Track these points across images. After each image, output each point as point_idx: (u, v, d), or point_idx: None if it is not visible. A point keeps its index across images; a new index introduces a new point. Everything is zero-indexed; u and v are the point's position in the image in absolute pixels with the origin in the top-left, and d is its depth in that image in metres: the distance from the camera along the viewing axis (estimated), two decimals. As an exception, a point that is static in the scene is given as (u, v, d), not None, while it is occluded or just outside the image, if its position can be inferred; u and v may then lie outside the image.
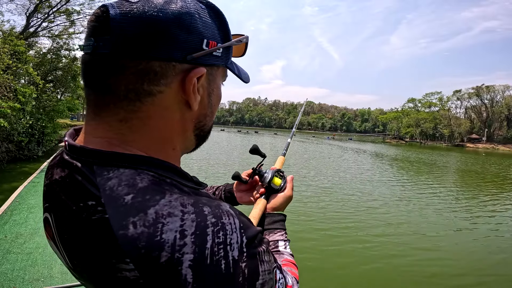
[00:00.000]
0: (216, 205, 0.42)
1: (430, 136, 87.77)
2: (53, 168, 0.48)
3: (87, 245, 0.40)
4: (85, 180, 0.42)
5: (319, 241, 6.51)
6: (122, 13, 0.42)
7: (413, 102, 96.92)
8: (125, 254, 0.37)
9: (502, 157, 43.29)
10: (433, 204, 10.60)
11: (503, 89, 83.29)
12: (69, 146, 0.46)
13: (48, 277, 3.74)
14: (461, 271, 5.54)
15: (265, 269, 0.43)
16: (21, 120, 11.36)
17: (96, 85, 0.45)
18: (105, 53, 0.42)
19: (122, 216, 0.38)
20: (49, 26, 16.25)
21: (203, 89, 0.49)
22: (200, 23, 0.46)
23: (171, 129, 0.48)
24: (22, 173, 10.00)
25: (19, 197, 6.90)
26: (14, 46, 10.76)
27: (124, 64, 0.42)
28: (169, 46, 0.43)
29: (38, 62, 14.46)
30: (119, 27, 0.42)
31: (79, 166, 0.43)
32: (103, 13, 0.43)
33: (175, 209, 0.39)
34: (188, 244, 0.37)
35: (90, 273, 0.42)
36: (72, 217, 0.41)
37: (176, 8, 0.44)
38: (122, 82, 0.43)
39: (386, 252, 6.15)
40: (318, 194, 10.53)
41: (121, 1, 0.44)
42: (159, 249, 0.36)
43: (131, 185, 0.40)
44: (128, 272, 0.37)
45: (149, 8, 0.42)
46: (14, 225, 5.26)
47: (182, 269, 0.36)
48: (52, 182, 0.47)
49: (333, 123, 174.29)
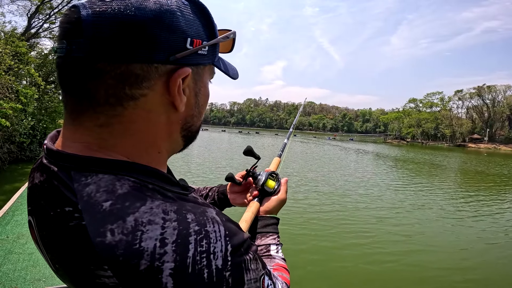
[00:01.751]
0: (201, 212, 0.41)
1: (431, 136, 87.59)
2: (34, 172, 0.47)
3: (66, 251, 0.40)
4: (62, 186, 0.40)
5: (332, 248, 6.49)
6: (95, 13, 0.39)
7: (414, 102, 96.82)
8: (103, 261, 0.36)
9: (505, 157, 43.02)
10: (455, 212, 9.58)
11: (505, 89, 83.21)
12: (47, 150, 0.45)
13: (49, 277, 3.74)
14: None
15: (251, 277, 0.42)
16: (23, 121, 11.40)
17: (73, 90, 0.42)
18: (80, 56, 0.40)
19: (99, 223, 0.37)
20: (50, 27, 16.33)
21: (189, 89, 0.47)
22: (182, 21, 0.43)
23: (156, 132, 0.46)
24: (24, 174, 10.02)
25: (20, 198, 6.90)
26: (16, 47, 10.80)
27: (102, 68, 0.40)
28: (149, 47, 0.40)
29: (40, 63, 14.50)
30: (93, 29, 0.39)
31: (56, 171, 0.42)
32: (74, 13, 0.40)
33: (156, 216, 0.38)
34: (169, 252, 0.36)
35: (71, 277, 0.41)
36: (51, 222, 0.41)
37: (156, 6, 0.41)
38: (101, 87, 0.41)
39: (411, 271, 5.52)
40: (323, 200, 10.16)
41: (93, 0, 0.40)
42: (138, 257, 0.35)
43: (110, 191, 0.39)
44: (106, 278, 0.36)
45: (125, 7, 0.39)
46: (15, 226, 5.26)
47: (163, 277, 0.35)
48: (33, 186, 0.45)
49: (334, 124, 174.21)
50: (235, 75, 0.57)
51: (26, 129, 11.91)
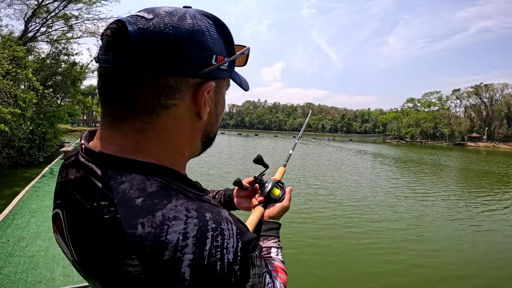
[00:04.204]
0: (217, 212, 0.46)
1: (430, 136, 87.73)
2: (68, 168, 0.52)
3: (97, 241, 0.43)
4: (100, 182, 0.45)
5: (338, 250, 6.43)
6: (141, 30, 0.44)
7: (413, 102, 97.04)
8: (132, 251, 0.40)
9: (504, 155, 43.07)
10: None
11: (502, 88, 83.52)
12: (85, 149, 0.49)
13: (50, 279, 3.73)
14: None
15: (255, 272, 0.46)
16: (22, 125, 11.37)
17: (115, 98, 0.47)
18: (125, 68, 0.44)
19: (132, 217, 0.41)
20: (47, 31, 16.24)
21: (211, 100, 0.53)
22: (210, 39, 0.48)
23: (182, 138, 0.51)
24: (23, 179, 9.98)
25: (20, 202, 6.89)
26: (14, 51, 10.77)
27: (144, 80, 0.45)
28: (183, 62, 0.46)
29: (38, 67, 14.45)
30: (139, 44, 0.43)
31: (95, 169, 0.46)
32: (121, 28, 0.45)
33: (180, 213, 0.42)
34: (189, 245, 0.40)
35: (95, 267, 0.44)
36: (85, 215, 0.45)
37: (189, 26, 0.46)
38: (141, 97, 0.46)
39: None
40: (328, 206, 9.78)
41: (136, 17, 0.46)
42: (163, 248, 0.39)
43: (141, 189, 0.44)
44: (132, 267, 0.40)
45: (165, 26, 0.45)
46: (16, 229, 5.24)
47: (182, 267, 0.39)
48: (67, 181, 0.50)
49: (333, 125, 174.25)
50: (247, 86, 0.62)
51: (25, 133, 11.87)
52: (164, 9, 0.47)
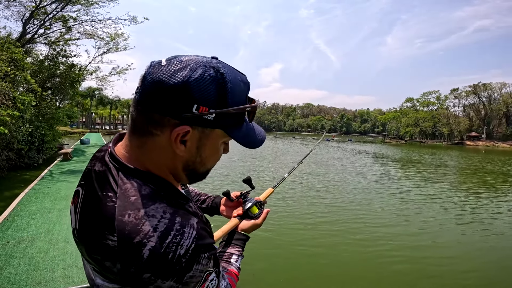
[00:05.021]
0: (186, 218, 0.59)
1: (429, 135, 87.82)
2: (96, 160, 0.68)
3: (96, 218, 0.58)
4: (113, 179, 0.61)
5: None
6: (149, 73, 0.58)
7: (411, 102, 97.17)
8: (115, 230, 0.55)
9: (504, 154, 43.04)
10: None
11: (500, 87, 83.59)
12: (110, 153, 0.65)
13: (50, 280, 3.71)
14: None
15: (198, 268, 0.57)
16: (21, 128, 11.33)
17: (132, 119, 0.62)
18: (136, 98, 0.60)
19: (124, 208, 0.56)
20: (45, 33, 16.20)
21: (191, 141, 0.61)
22: (196, 90, 0.56)
23: (165, 161, 0.63)
24: (23, 181, 9.96)
25: (20, 204, 6.87)
26: (12, 53, 10.74)
27: (141, 109, 0.59)
28: (166, 104, 0.56)
29: (36, 69, 14.40)
30: (144, 84, 0.58)
31: (112, 169, 0.62)
32: (146, 71, 0.59)
33: (157, 213, 0.57)
34: (155, 236, 0.54)
35: (87, 236, 0.59)
36: (96, 198, 0.60)
37: (181, 77, 0.56)
38: (139, 121, 0.60)
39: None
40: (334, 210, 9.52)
41: (156, 62, 0.59)
42: (136, 233, 0.54)
43: (137, 190, 0.59)
44: (111, 241, 0.55)
45: (163, 74, 0.56)
46: (16, 231, 5.22)
47: (144, 249, 0.53)
48: (92, 170, 0.66)
49: (332, 125, 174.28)
50: (252, 145, 0.71)
51: (24, 136, 11.84)
52: (180, 59, 0.58)
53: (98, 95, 69.46)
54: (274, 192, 1.23)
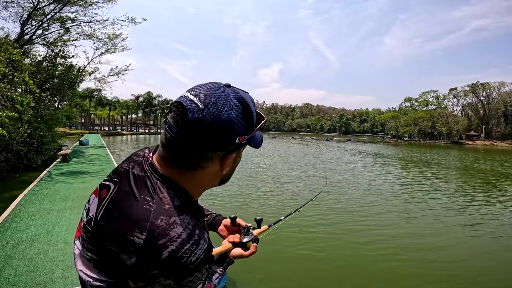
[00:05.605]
0: (202, 232, 0.70)
1: (428, 135, 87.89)
2: (135, 163, 0.78)
3: (128, 215, 0.66)
4: (151, 186, 0.71)
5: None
6: (195, 119, 0.65)
7: (410, 101, 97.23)
8: (145, 230, 0.63)
9: (503, 153, 43.07)
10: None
11: (499, 86, 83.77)
12: (150, 163, 0.75)
13: (50, 281, 3.70)
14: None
15: (197, 275, 0.67)
16: (20, 129, 11.29)
17: (172, 153, 0.71)
18: (181, 141, 0.67)
19: (158, 213, 0.66)
20: (43, 34, 16.18)
21: (231, 162, 0.77)
22: (236, 127, 0.68)
23: (206, 182, 0.77)
24: (22, 182, 9.94)
25: (19, 205, 6.86)
26: (10, 54, 10.71)
27: (192, 150, 0.68)
28: (217, 144, 0.68)
29: (34, 70, 14.35)
30: (193, 129, 0.65)
31: (151, 177, 0.72)
32: (184, 113, 0.65)
33: (183, 223, 0.67)
34: (176, 242, 0.63)
35: (110, 227, 0.67)
36: (133, 198, 0.69)
37: (225, 118, 0.66)
38: (188, 160, 0.70)
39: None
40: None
41: (193, 105, 0.65)
42: (163, 236, 0.63)
43: (171, 201, 0.69)
44: (137, 238, 0.63)
45: (210, 117, 0.65)
46: (15, 232, 5.21)
47: (164, 251, 0.62)
48: (130, 171, 0.76)
49: (331, 125, 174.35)
50: (259, 146, 0.84)
51: (22, 137, 11.80)
52: (211, 99, 0.66)
53: (97, 96, 69.38)
54: (274, 194, 1.28)
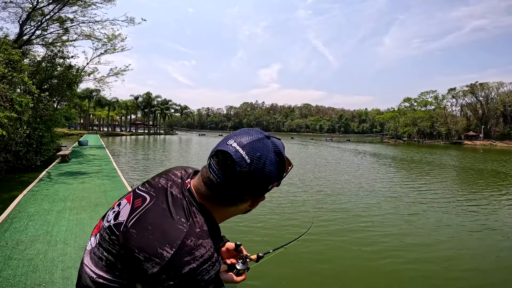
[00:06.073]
0: (218, 255, 0.79)
1: (427, 135, 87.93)
2: (173, 184, 0.87)
3: (164, 230, 0.75)
4: (187, 208, 0.80)
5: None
6: (242, 172, 0.74)
7: (409, 102, 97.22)
8: (175, 247, 0.72)
9: (502, 153, 43.08)
10: None
11: (497, 86, 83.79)
12: (189, 189, 0.84)
13: (49, 282, 3.69)
14: None
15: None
16: (19, 129, 11.27)
17: (214, 193, 0.80)
18: (226, 184, 0.76)
19: (189, 234, 0.74)
20: (42, 34, 16.15)
21: (261, 200, 0.87)
22: (273, 177, 0.79)
23: (234, 214, 0.89)
24: (21, 183, 9.91)
25: (18, 206, 6.84)
26: (9, 54, 10.69)
27: (233, 195, 0.79)
28: (255, 190, 0.79)
29: (33, 71, 14.32)
30: (238, 180, 0.75)
31: (188, 202, 0.81)
32: (231, 165, 0.74)
33: (207, 245, 0.75)
34: (198, 261, 0.72)
35: (141, 237, 0.75)
36: (168, 216, 0.77)
37: (267, 172, 0.76)
38: (226, 198, 0.81)
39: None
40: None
41: (241, 159, 0.74)
42: (189, 255, 0.72)
43: (201, 225, 0.78)
44: (166, 252, 0.71)
45: (254, 171, 0.74)
46: (14, 233, 5.20)
47: (186, 267, 0.71)
48: (168, 189, 0.85)
49: (331, 125, 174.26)
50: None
51: (22, 137, 11.78)
52: (257, 154, 0.75)
53: (96, 96, 69.27)
54: (276, 197, 1.34)
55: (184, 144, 42.67)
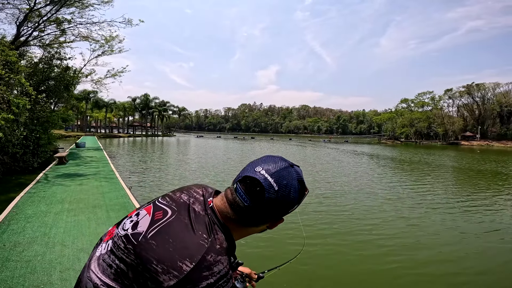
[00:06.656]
0: (232, 271, 0.81)
1: (424, 135, 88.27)
2: (195, 200, 0.89)
3: (185, 244, 0.76)
4: (209, 226, 0.81)
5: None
6: (270, 199, 0.79)
7: (406, 103, 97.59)
8: (195, 261, 0.73)
9: (499, 153, 43.27)
10: None
11: (494, 87, 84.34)
12: (211, 207, 0.87)
13: (47, 283, 3.66)
14: None
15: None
16: (16, 131, 11.20)
17: (239, 215, 0.83)
18: (252, 208, 0.81)
19: (210, 250, 0.76)
20: (40, 35, 16.11)
21: (280, 222, 0.91)
22: (295, 202, 0.83)
23: (253, 233, 0.92)
24: (18, 185, 9.85)
25: (15, 208, 6.79)
26: (6, 56, 10.64)
27: (258, 218, 0.84)
28: (279, 214, 0.84)
29: (30, 72, 14.26)
30: (265, 205, 0.80)
31: (210, 219, 0.83)
32: (261, 192, 0.79)
33: (224, 262, 0.77)
34: (215, 276, 0.73)
35: (158, 253, 0.75)
36: (191, 231, 0.79)
37: (291, 198, 0.81)
38: (250, 221, 0.84)
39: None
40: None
41: (269, 186, 0.79)
42: (208, 270, 0.73)
43: (221, 243, 0.80)
44: (186, 266, 0.72)
45: (281, 197, 0.79)
46: (12, 234, 5.16)
47: (204, 282, 0.72)
48: (190, 205, 0.86)
49: (328, 126, 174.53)
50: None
51: (19, 139, 11.71)
52: (283, 182, 0.80)
53: (93, 98, 68.98)
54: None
55: (182, 146, 42.52)
